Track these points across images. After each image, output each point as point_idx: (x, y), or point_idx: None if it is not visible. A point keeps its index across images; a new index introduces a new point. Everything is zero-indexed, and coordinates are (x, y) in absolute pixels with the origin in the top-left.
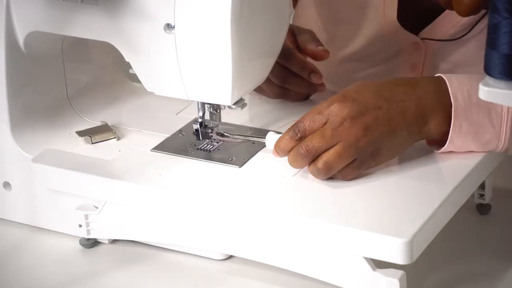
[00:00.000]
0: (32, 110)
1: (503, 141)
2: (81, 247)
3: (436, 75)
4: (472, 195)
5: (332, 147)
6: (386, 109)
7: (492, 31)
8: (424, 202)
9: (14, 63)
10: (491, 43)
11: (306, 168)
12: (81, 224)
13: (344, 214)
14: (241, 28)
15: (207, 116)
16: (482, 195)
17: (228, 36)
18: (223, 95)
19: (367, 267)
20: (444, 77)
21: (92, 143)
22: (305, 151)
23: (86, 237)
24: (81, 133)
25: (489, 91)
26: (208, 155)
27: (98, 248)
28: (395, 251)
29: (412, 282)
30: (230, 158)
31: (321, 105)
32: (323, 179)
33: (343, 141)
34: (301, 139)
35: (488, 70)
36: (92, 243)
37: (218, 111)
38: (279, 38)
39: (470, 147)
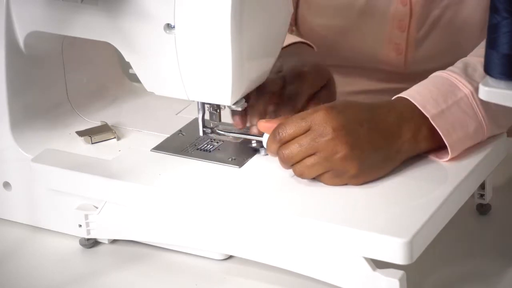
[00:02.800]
0: (32, 110)
1: (485, 125)
2: (81, 247)
3: (395, 96)
4: (472, 195)
5: (308, 156)
6: (367, 127)
7: (492, 31)
8: (424, 202)
9: (14, 63)
10: (491, 43)
11: None
12: (81, 224)
13: (344, 214)
14: (241, 28)
15: (207, 116)
16: (482, 195)
17: (228, 36)
18: (223, 95)
19: (367, 267)
20: (406, 96)
21: (92, 143)
22: (283, 157)
23: (86, 237)
24: (81, 133)
25: (489, 91)
26: (208, 155)
27: (98, 248)
28: (395, 251)
29: (412, 282)
30: (230, 158)
31: (305, 112)
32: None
33: (320, 152)
34: (282, 141)
35: (488, 70)
36: (92, 243)
37: (218, 111)
38: (279, 38)
39: (467, 144)
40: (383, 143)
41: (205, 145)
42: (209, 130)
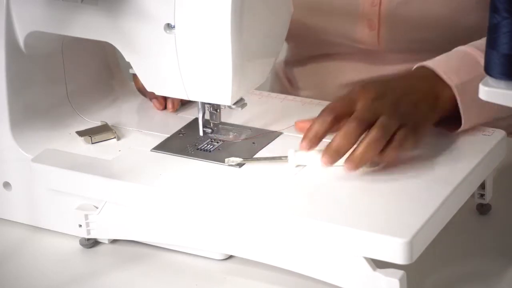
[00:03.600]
0: (32, 110)
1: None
2: (81, 247)
3: (418, 64)
4: (472, 195)
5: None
6: (400, 91)
7: (492, 31)
8: (424, 202)
9: (14, 63)
10: (491, 43)
11: (306, 168)
12: (81, 224)
13: (344, 214)
14: (241, 28)
15: (207, 116)
16: (482, 195)
17: (228, 36)
18: (223, 95)
19: (367, 267)
20: (428, 65)
21: (92, 143)
22: (356, 123)
23: (86, 237)
24: (81, 133)
25: (489, 91)
26: (208, 155)
27: (98, 248)
28: (395, 251)
29: (412, 282)
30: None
31: (341, 95)
32: (373, 154)
33: (385, 112)
34: (335, 119)
35: (488, 70)
36: (92, 243)
37: (218, 111)
38: (279, 38)
39: (481, 119)
40: (420, 98)
41: (205, 145)
42: (209, 130)
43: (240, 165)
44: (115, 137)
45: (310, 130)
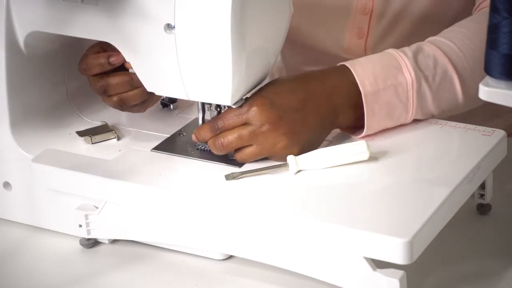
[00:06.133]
0: (32, 110)
1: (411, 113)
2: (81, 247)
3: (339, 64)
4: (472, 195)
5: (247, 146)
6: (301, 111)
7: (492, 31)
8: (424, 202)
9: (14, 63)
10: (491, 43)
11: (306, 168)
12: (81, 224)
13: (344, 214)
14: (241, 28)
15: (207, 116)
16: (482, 195)
17: (228, 36)
18: (223, 95)
19: (367, 267)
20: (348, 66)
21: (92, 143)
22: (220, 146)
23: (86, 237)
24: (81, 133)
25: (489, 91)
26: (208, 155)
27: (98, 248)
28: (395, 251)
29: (412, 282)
30: (230, 158)
31: (242, 108)
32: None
33: (260, 144)
34: (219, 132)
35: (488, 70)
36: (92, 243)
37: (218, 111)
38: (279, 38)
39: (386, 125)
40: (319, 122)
41: (205, 145)
42: None
43: (240, 164)
44: (115, 137)
45: (199, 132)
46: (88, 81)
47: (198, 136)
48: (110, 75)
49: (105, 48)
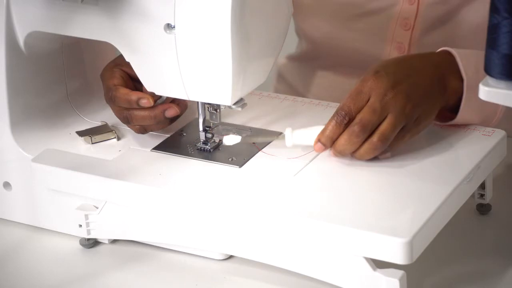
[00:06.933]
0: (32, 110)
1: (497, 116)
2: (81, 247)
3: (442, 48)
4: (472, 195)
5: (383, 120)
6: (414, 77)
7: (492, 31)
8: (424, 202)
9: (14, 63)
10: (491, 43)
11: (306, 168)
12: (81, 224)
13: (344, 214)
14: (241, 28)
15: (207, 116)
16: (482, 195)
17: (228, 36)
18: (223, 95)
19: (367, 267)
20: (452, 51)
21: (92, 143)
22: (360, 128)
23: (86, 237)
24: (81, 133)
25: (489, 91)
26: (208, 155)
27: (98, 248)
28: (395, 251)
29: (412, 282)
30: (230, 158)
31: (356, 86)
32: (372, 157)
33: (392, 111)
34: (349, 122)
35: (488, 70)
36: (92, 243)
37: (218, 111)
38: (279, 38)
39: (473, 120)
40: (429, 86)
41: (205, 145)
42: (209, 135)
43: (240, 164)
44: (115, 137)
45: (324, 133)
46: (110, 106)
47: (325, 139)
48: (136, 108)
49: (125, 70)
